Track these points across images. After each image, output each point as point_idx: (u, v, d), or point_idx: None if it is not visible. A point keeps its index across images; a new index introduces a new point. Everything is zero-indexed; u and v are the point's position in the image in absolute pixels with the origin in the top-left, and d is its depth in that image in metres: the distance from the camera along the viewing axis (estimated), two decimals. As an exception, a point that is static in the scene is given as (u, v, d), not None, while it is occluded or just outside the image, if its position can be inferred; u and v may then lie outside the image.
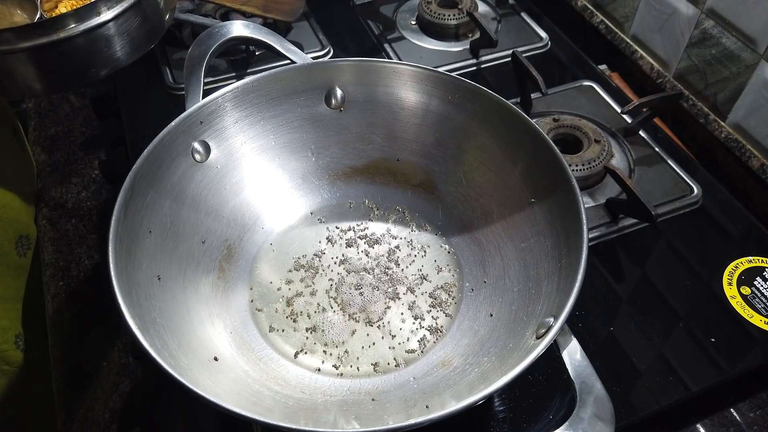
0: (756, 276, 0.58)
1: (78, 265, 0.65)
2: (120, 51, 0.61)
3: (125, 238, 0.47)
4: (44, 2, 0.64)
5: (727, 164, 0.72)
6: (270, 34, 0.63)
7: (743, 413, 0.52)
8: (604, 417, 0.41)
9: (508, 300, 0.52)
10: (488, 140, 0.57)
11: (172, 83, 0.77)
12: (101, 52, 0.60)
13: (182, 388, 0.38)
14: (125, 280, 0.44)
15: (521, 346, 0.45)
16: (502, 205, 0.57)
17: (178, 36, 0.82)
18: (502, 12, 0.89)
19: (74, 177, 0.74)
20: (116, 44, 0.60)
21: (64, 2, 0.66)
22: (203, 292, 0.53)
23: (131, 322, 0.41)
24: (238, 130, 0.59)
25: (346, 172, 0.64)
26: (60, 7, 0.66)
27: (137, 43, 0.62)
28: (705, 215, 0.64)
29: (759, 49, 0.65)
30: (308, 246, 0.60)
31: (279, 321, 0.55)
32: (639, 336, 0.54)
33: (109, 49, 0.60)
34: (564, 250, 0.48)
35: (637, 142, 0.70)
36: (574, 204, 0.47)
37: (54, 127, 0.80)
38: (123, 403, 0.55)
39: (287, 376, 0.51)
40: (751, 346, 0.54)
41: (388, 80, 0.59)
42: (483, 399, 0.38)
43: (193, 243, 0.54)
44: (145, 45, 0.64)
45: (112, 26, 0.59)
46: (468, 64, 0.82)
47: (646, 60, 0.81)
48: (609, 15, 0.86)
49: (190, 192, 0.55)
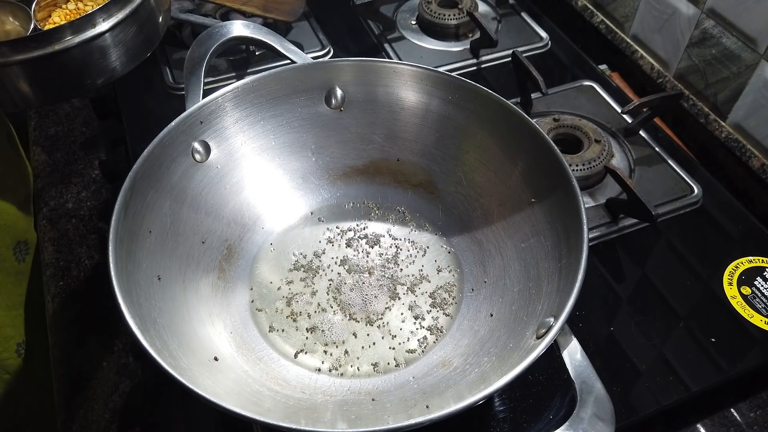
0: (756, 276, 0.58)
1: (78, 265, 0.65)
2: (115, 62, 0.61)
3: (125, 238, 0.47)
4: (37, 11, 0.64)
5: (728, 164, 0.72)
6: (270, 34, 0.63)
7: (743, 413, 0.52)
8: (605, 417, 0.41)
9: (509, 300, 0.52)
10: (488, 140, 0.57)
11: (172, 83, 0.77)
12: (96, 64, 0.60)
13: (182, 388, 0.38)
14: (125, 280, 0.44)
15: (521, 346, 0.45)
16: (502, 205, 0.57)
17: (178, 36, 0.82)
18: (503, 12, 0.89)
19: (74, 177, 0.74)
20: (111, 55, 0.60)
21: (57, 12, 0.66)
22: (203, 292, 0.53)
23: (131, 322, 0.41)
24: (238, 130, 0.59)
25: (347, 172, 0.64)
26: (53, 17, 0.66)
27: (132, 53, 0.62)
28: (705, 215, 0.64)
29: (759, 49, 0.65)
30: (308, 246, 0.60)
31: (279, 321, 0.55)
32: (639, 336, 0.54)
33: (105, 60, 0.60)
34: (564, 250, 0.48)
35: (637, 142, 0.70)
36: (574, 204, 0.47)
37: (54, 127, 0.80)
38: (123, 403, 0.55)
39: (287, 376, 0.51)
40: (751, 346, 0.54)
41: (388, 80, 0.59)
42: (483, 399, 0.38)
43: (193, 243, 0.54)
44: (140, 55, 0.64)
45: (108, 37, 0.59)
46: (468, 64, 0.82)
47: (647, 60, 0.81)
48: (609, 15, 0.86)
49: (190, 192, 0.55)
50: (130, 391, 0.55)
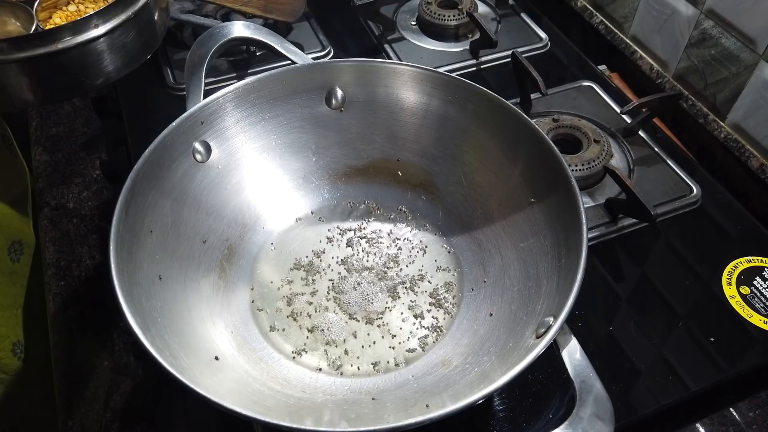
0: (755, 276, 0.58)
1: (79, 264, 0.65)
2: (113, 64, 0.61)
3: (126, 238, 0.47)
4: (39, 12, 0.64)
5: (727, 164, 0.73)
6: (270, 35, 0.63)
7: (743, 413, 0.52)
8: (604, 416, 0.41)
9: (508, 299, 0.52)
10: (488, 140, 0.57)
11: (173, 83, 0.77)
12: (94, 65, 0.60)
13: (183, 388, 0.38)
14: (126, 280, 0.44)
15: (521, 346, 0.45)
16: (502, 205, 0.57)
17: (179, 36, 0.82)
18: (502, 12, 0.89)
19: (75, 177, 0.74)
20: (109, 58, 0.60)
21: (58, 13, 0.67)
22: (204, 291, 0.53)
23: (132, 322, 0.41)
24: (239, 131, 0.59)
25: (347, 172, 0.64)
26: (54, 18, 0.66)
27: (130, 57, 0.63)
28: (704, 215, 0.64)
29: (758, 50, 0.65)
30: (309, 246, 0.60)
31: (280, 321, 0.55)
32: (638, 335, 0.55)
33: (102, 62, 0.60)
34: (564, 249, 0.48)
35: (636, 142, 0.70)
36: (573, 204, 0.47)
37: (55, 127, 0.80)
38: (123, 402, 0.55)
39: (288, 375, 0.51)
40: (750, 345, 0.54)
41: (388, 81, 0.60)
42: (483, 398, 0.38)
43: (194, 243, 0.54)
44: (138, 59, 0.64)
45: (106, 40, 0.59)
46: (468, 65, 0.82)
47: (646, 60, 0.81)
48: (609, 15, 0.86)
49: (191, 192, 0.55)
50: (131, 390, 0.56)
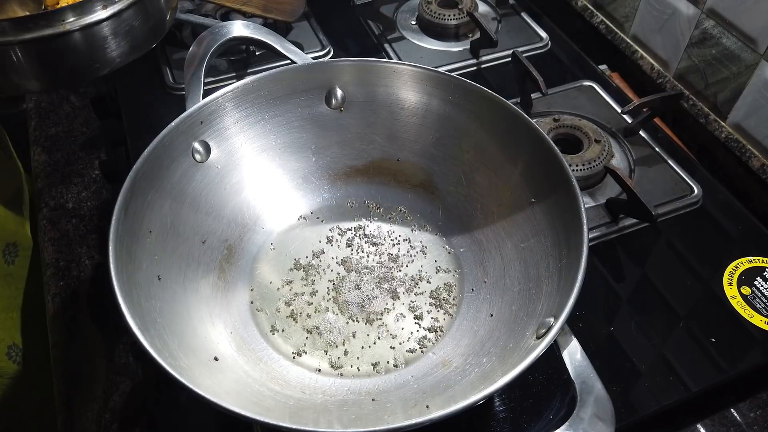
0: (756, 276, 0.58)
1: (78, 265, 0.65)
2: (120, 48, 0.60)
3: (125, 238, 0.47)
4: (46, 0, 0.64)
5: (728, 164, 0.72)
6: (270, 34, 0.63)
7: (743, 413, 0.52)
8: (605, 417, 0.41)
9: (508, 300, 0.52)
10: (488, 140, 0.57)
11: (173, 83, 0.77)
12: (102, 48, 0.59)
13: (183, 388, 0.38)
14: (125, 280, 0.44)
15: (521, 346, 0.45)
16: (502, 205, 0.57)
17: (178, 36, 0.82)
18: (503, 12, 0.89)
19: (74, 177, 0.74)
20: (117, 41, 0.59)
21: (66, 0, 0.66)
22: (203, 292, 0.53)
23: (131, 322, 0.41)
24: (239, 130, 0.59)
25: (347, 172, 0.64)
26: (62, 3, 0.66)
27: (138, 41, 0.62)
28: (705, 215, 0.64)
29: (759, 49, 0.65)
30: (308, 246, 0.60)
31: (279, 321, 0.55)
32: (639, 336, 0.54)
33: (110, 46, 0.59)
34: (564, 250, 0.48)
35: (637, 142, 0.70)
36: (574, 204, 0.47)
37: (54, 127, 0.80)
38: (123, 403, 0.55)
39: (287, 376, 0.51)
40: (751, 346, 0.54)
41: (388, 80, 0.60)
42: (483, 399, 0.38)
43: (193, 243, 0.54)
44: (146, 44, 0.63)
45: (114, 22, 0.58)
46: (468, 64, 0.82)
47: (647, 60, 0.81)
48: (609, 15, 0.86)
49: (190, 192, 0.55)
50: (130, 391, 0.55)
